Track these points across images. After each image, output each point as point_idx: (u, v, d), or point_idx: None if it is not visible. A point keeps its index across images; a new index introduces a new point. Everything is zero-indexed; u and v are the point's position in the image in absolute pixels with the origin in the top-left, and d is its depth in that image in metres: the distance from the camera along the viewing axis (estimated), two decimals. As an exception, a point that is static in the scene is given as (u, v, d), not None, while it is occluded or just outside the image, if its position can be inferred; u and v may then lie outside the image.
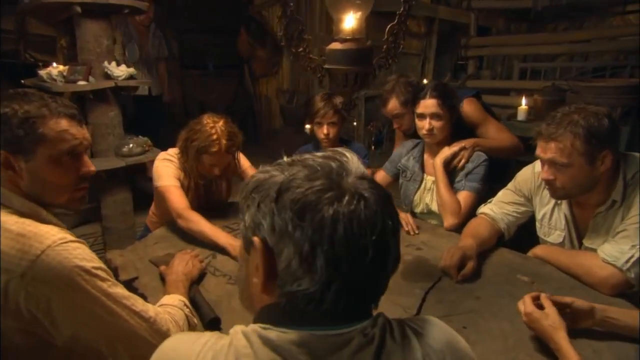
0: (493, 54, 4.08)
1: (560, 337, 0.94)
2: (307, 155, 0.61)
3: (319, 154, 0.61)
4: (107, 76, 2.93)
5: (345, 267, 0.54)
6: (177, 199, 1.69)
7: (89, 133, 1.05)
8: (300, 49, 1.14)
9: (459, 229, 1.69)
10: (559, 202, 1.50)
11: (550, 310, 1.00)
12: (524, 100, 2.90)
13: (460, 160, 1.79)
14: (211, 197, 1.97)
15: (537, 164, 1.59)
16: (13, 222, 0.89)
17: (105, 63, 2.89)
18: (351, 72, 1.18)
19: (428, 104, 1.78)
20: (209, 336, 0.59)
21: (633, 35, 3.23)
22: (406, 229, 1.72)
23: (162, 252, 1.59)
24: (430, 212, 1.91)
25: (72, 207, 1.05)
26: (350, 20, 1.17)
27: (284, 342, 0.54)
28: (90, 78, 2.87)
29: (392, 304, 1.24)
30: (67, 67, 2.98)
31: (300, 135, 5.23)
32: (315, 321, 0.56)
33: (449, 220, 1.73)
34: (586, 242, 1.42)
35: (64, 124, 0.97)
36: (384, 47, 1.27)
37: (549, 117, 1.34)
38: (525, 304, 1.05)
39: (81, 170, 1.03)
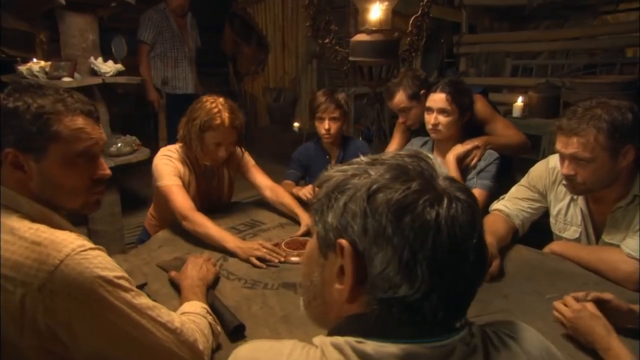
0: (485, 52, 4.11)
1: (613, 338, 0.92)
2: (388, 154, 0.57)
3: (402, 152, 0.56)
4: (94, 72, 2.80)
5: (447, 274, 0.50)
6: (181, 200, 1.61)
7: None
8: (327, 40, 1.09)
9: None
10: (575, 197, 1.49)
11: (595, 309, 0.98)
12: (520, 97, 2.93)
13: (472, 159, 1.77)
14: (213, 193, 1.90)
15: (551, 160, 1.58)
16: (26, 228, 0.81)
17: (92, 58, 2.76)
18: (378, 65, 1.13)
19: (437, 98, 1.75)
20: (291, 346, 0.54)
21: (622, 34, 3.29)
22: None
23: (168, 255, 1.51)
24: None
25: (87, 211, 0.98)
26: (376, 11, 1.12)
27: (384, 356, 0.49)
28: (76, 74, 2.74)
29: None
30: (49, 62, 2.83)
31: (289, 134, 5.17)
32: (413, 332, 0.51)
33: (462, 218, 1.70)
34: (605, 238, 1.42)
35: (80, 121, 0.89)
36: (408, 39, 1.23)
37: (569, 112, 1.33)
38: (571, 303, 1.02)
39: (96, 174, 0.95)
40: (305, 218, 1.71)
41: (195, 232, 1.56)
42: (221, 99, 1.70)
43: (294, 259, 1.48)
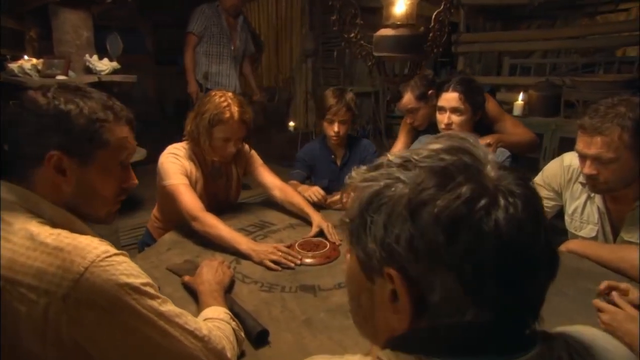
0: (485, 51, 4.12)
1: None
2: (420, 153, 0.49)
3: (436, 145, 0.49)
4: (89, 70, 2.72)
5: (519, 286, 0.44)
6: (190, 200, 1.56)
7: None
8: (352, 35, 1.05)
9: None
10: (592, 195, 1.48)
11: (632, 309, 0.96)
12: (520, 96, 2.93)
13: None
14: (220, 192, 1.85)
15: (565, 158, 1.57)
16: (47, 234, 0.76)
17: (87, 56, 2.68)
18: (403, 61, 1.09)
19: (449, 98, 1.73)
20: None
21: (617, 33, 3.32)
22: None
23: (178, 258, 1.45)
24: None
25: (108, 221, 0.95)
26: (401, 5, 1.09)
27: None
28: (70, 72, 2.66)
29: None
30: (40, 60, 2.75)
31: (284, 134, 5.12)
32: (486, 349, 0.46)
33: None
34: (625, 236, 1.41)
35: (125, 130, 0.89)
36: (430, 35, 1.20)
37: (591, 110, 1.31)
38: (605, 307, 1.00)
39: (127, 182, 0.94)
40: (316, 218, 1.67)
41: (206, 234, 1.51)
42: (230, 94, 1.67)
43: (308, 260, 1.44)
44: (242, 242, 1.47)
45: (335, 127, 2.06)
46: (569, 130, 2.62)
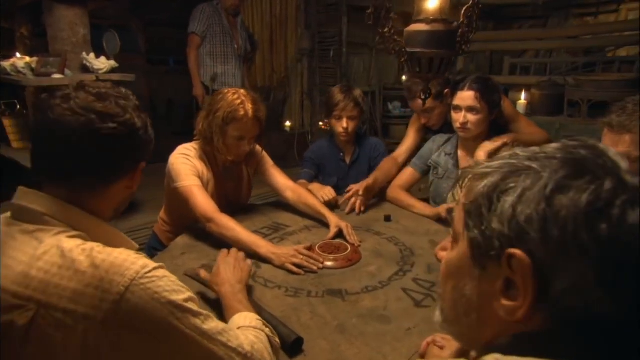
0: (487, 50, 4.14)
1: None
2: (550, 147, 0.49)
3: (570, 143, 0.48)
4: (86, 69, 2.64)
5: None
6: (204, 201, 1.51)
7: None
8: (386, 30, 1.02)
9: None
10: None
11: None
12: (523, 95, 2.94)
13: None
14: (231, 193, 1.80)
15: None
16: (80, 250, 0.70)
17: (84, 54, 2.60)
18: (438, 56, 1.06)
19: (465, 97, 1.70)
20: None
21: (621, 32, 3.35)
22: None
23: (194, 263, 1.39)
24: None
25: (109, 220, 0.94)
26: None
27: None
28: (66, 71, 2.57)
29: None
30: (34, 58, 2.65)
31: (280, 134, 5.06)
32: (624, 348, 0.43)
33: (494, 217, 1.66)
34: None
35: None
36: (459, 31, 1.17)
37: (618, 108, 1.29)
38: None
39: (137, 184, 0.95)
40: (333, 219, 1.63)
41: (222, 236, 1.46)
42: (243, 91, 1.63)
43: (329, 263, 1.40)
44: (262, 245, 1.42)
45: (344, 123, 2.04)
46: (573, 129, 2.63)
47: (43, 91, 2.46)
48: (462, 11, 1.16)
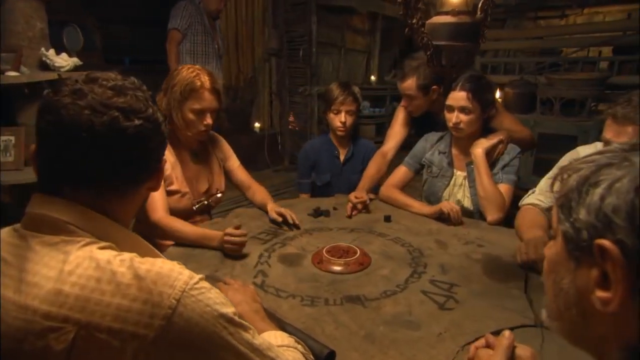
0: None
1: None
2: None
3: None
4: (45, 66, 2.40)
5: None
6: (153, 203, 1.50)
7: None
8: (414, 21, 0.96)
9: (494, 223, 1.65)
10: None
11: None
12: (497, 93, 3.00)
13: (498, 153, 1.74)
14: (202, 177, 1.75)
15: (580, 151, 1.58)
16: (117, 260, 0.60)
17: (42, 50, 2.37)
18: (463, 50, 1.02)
19: (457, 97, 1.69)
20: None
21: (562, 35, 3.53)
22: (458, 221, 1.63)
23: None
24: (460, 209, 1.83)
25: None
26: (459, -10, 1.01)
27: None
28: (22, 68, 2.33)
29: (503, 309, 1.12)
30: (-17, 54, 2.39)
31: (251, 135, 4.92)
32: None
33: (494, 215, 1.66)
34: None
35: None
36: (476, 24, 1.14)
37: (623, 100, 1.32)
38: None
39: None
40: (270, 206, 1.69)
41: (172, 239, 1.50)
42: (197, 66, 1.64)
43: (338, 268, 1.33)
44: (212, 236, 1.44)
45: (342, 117, 2.05)
46: (547, 125, 2.72)
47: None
48: (480, 4, 1.14)
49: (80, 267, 0.58)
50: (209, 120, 1.60)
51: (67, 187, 0.66)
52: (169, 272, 0.60)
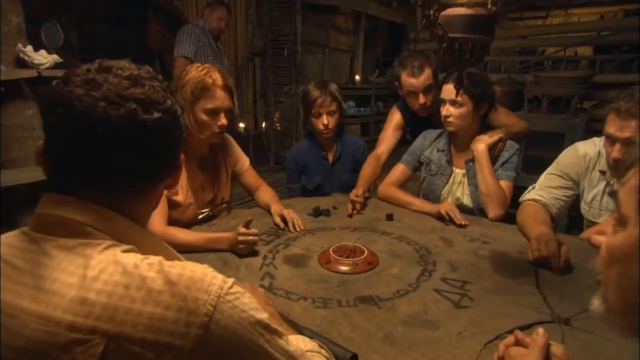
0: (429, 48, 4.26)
1: None
2: None
3: None
4: (22, 63, 2.28)
5: None
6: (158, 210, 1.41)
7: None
8: (431, 12, 0.94)
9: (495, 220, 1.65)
10: (611, 182, 1.52)
11: None
12: (486, 92, 3.03)
13: (498, 151, 1.74)
14: (208, 186, 1.68)
15: (579, 147, 1.60)
16: (145, 264, 0.55)
17: (20, 46, 2.25)
18: (480, 42, 1.00)
19: (447, 89, 1.69)
20: None
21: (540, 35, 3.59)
22: (460, 222, 1.60)
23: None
24: (460, 206, 1.82)
25: None
26: (474, -19, 0.99)
27: None
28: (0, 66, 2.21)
29: (519, 307, 1.10)
30: (-45, 51, 2.25)
31: (237, 136, 4.82)
32: None
33: (496, 211, 1.65)
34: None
35: None
36: (487, 17, 1.12)
37: (626, 95, 1.33)
38: None
39: None
40: (275, 208, 1.65)
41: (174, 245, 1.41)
42: (206, 65, 1.55)
43: (345, 268, 1.30)
44: (221, 241, 1.39)
45: (324, 120, 1.99)
46: (534, 123, 2.75)
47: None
48: (489, -2, 1.12)
49: (104, 272, 0.53)
50: (223, 120, 1.51)
51: (79, 186, 0.60)
52: (202, 276, 0.55)
